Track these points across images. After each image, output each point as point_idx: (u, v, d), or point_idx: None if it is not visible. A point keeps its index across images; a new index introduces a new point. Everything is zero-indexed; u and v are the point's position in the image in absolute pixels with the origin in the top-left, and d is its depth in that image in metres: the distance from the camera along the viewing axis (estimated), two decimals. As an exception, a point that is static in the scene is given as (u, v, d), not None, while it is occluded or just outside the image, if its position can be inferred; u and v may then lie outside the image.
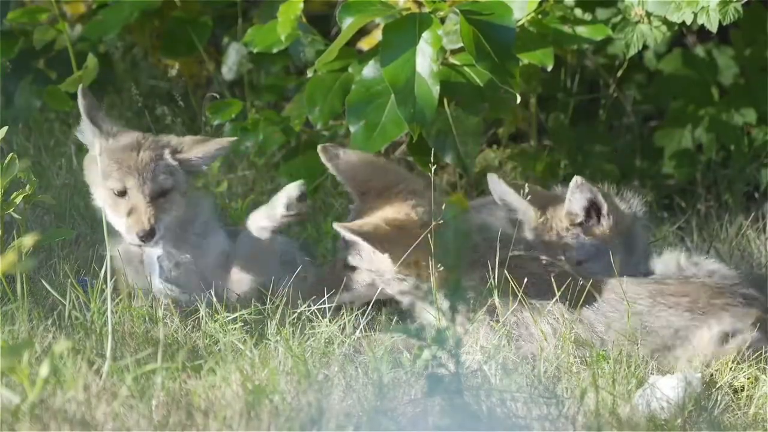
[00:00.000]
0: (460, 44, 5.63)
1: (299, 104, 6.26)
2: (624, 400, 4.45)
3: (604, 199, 5.43)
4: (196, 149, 5.42)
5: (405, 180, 5.30)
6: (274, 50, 6.20)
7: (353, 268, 5.20)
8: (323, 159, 5.29)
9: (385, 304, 5.21)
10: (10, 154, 5.13)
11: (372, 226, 5.05)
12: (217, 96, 6.88)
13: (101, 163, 5.31)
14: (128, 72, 7.67)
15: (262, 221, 5.33)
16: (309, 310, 5.07)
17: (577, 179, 5.39)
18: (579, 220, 5.44)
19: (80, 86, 5.42)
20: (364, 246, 5.05)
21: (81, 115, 5.41)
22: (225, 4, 7.08)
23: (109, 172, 5.31)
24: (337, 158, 5.32)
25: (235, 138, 5.68)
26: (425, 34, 5.52)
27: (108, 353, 4.38)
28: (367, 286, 5.19)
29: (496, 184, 5.51)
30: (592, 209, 5.46)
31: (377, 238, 5.00)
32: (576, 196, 5.42)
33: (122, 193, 5.30)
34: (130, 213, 5.28)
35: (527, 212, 5.47)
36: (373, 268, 5.13)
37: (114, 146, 5.35)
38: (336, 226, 5.00)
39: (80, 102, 5.39)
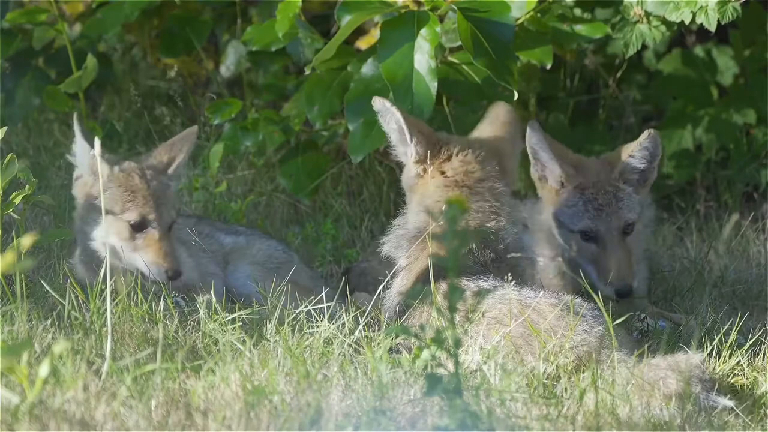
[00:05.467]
0: (459, 43, 5.63)
1: (298, 103, 6.26)
2: (623, 400, 4.44)
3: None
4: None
5: None
6: (273, 48, 6.21)
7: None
8: None
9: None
10: (10, 155, 5.12)
11: None
12: (215, 96, 6.87)
13: None
14: (127, 72, 7.67)
15: None
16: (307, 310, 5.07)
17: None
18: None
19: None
20: None
21: None
22: (224, 3, 7.08)
23: None
24: None
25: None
26: (423, 31, 5.51)
27: (107, 353, 4.37)
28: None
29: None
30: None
31: None
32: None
33: None
34: None
35: None
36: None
37: None
38: None
39: None
